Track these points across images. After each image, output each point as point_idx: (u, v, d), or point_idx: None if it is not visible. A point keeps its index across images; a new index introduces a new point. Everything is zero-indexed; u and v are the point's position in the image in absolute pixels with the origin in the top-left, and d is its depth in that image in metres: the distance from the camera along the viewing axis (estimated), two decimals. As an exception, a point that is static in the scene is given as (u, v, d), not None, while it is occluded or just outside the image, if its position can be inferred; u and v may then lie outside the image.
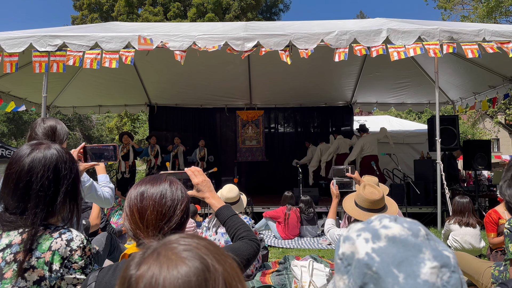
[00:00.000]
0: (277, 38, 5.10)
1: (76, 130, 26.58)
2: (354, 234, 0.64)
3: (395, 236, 0.61)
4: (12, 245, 1.24)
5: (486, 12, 16.13)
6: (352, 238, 0.64)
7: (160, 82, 9.24)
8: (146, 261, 0.59)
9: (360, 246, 0.61)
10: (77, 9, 23.89)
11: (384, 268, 0.57)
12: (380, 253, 0.59)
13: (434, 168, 6.34)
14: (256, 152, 10.75)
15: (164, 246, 0.61)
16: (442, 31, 5.09)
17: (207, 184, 1.54)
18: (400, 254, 0.58)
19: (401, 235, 0.61)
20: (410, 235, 0.61)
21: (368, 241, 0.62)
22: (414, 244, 0.60)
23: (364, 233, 0.63)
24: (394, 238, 0.61)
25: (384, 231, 0.62)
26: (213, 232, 3.66)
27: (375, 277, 0.57)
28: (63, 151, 1.39)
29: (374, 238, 0.62)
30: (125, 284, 0.59)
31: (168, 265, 0.57)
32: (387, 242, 0.61)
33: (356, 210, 2.70)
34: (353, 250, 0.62)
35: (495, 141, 28.52)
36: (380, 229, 0.63)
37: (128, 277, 0.59)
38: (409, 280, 0.55)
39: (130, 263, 0.61)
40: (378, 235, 0.62)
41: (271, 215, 6.21)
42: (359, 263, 0.60)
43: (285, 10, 27.92)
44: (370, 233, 0.63)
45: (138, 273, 0.58)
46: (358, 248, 0.61)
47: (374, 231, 0.63)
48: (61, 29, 5.94)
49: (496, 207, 4.16)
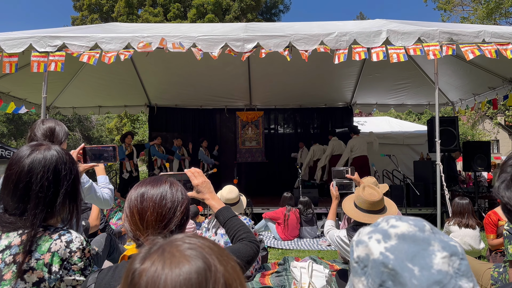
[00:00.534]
0: (277, 39, 5.10)
1: (75, 130, 26.57)
2: (365, 237, 0.67)
3: (404, 234, 0.65)
4: (11, 246, 1.24)
5: (485, 13, 16.15)
6: (364, 241, 0.67)
7: (160, 83, 9.25)
8: (151, 256, 0.61)
9: (373, 247, 0.65)
10: (77, 9, 23.89)
11: (400, 264, 0.61)
12: (393, 251, 0.63)
13: (433, 169, 6.34)
14: (256, 153, 10.76)
15: (170, 244, 0.63)
16: (442, 33, 5.09)
17: (207, 186, 1.54)
18: (411, 249, 0.62)
19: (409, 231, 0.65)
20: (417, 231, 0.65)
21: (380, 242, 0.65)
22: (422, 239, 0.64)
23: (375, 235, 0.67)
24: (403, 236, 0.64)
25: (393, 230, 0.66)
26: (212, 233, 3.66)
27: (392, 273, 0.60)
28: (63, 152, 1.39)
29: (385, 238, 0.65)
30: (129, 277, 0.61)
31: (171, 261, 0.59)
32: (398, 240, 0.64)
33: (355, 211, 2.70)
34: (367, 252, 0.65)
35: (495, 142, 28.54)
36: (389, 229, 0.66)
37: (132, 270, 0.61)
38: (424, 272, 0.59)
39: (135, 257, 0.64)
40: (388, 235, 0.65)
41: (271, 216, 6.21)
42: (375, 263, 0.63)
43: (285, 11, 27.91)
44: (380, 234, 0.66)
45: (142, 267, 0.60)
46: (372, 249, 0.65)
47: (384, 231, 0.66)
48: (61, 30, 5.94)
49: (496, 209, 4.16)
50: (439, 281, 0.58)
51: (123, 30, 5.80)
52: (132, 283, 0.60)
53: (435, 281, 0.58)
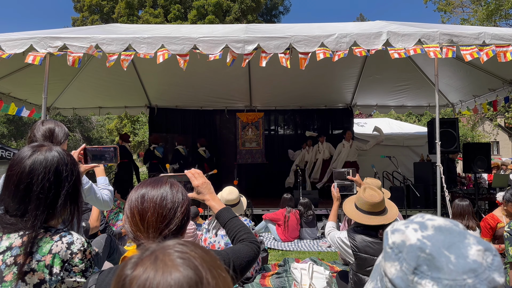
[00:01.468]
0: (278, 40, 5.10)
1: (76, 131, 26.58)
2: (401, 226, 0.71)
3: (441, 226, 0.69)
4: (12, 247, 1.24)
5: (486, 15, 16.16)
6: (401, 229, 0.70)
7: (160, 83, 9.24)
8: (143, 263, 0.61)
9: (410, 234, 0.68)
10: (77, 10, 23.93)
11: (437, 250, 0.64)
12: (430, 239, 0.66)
13: (434, 170, 6.33)
14: (256, 154, 10.75)
15: (162, 251, 0.63)
16: (442, 34, 5.09)
17: (207, 186, 1.53)
18: (448, 240, 0.66)
19: (446, 224, 0.69)
20: (453, 226, 0.69)
21: (417, 231, 0.68)
22: (459, 232, 0.68)
23: (412, 225, 0.70)
24: (440, 227, 0.68)
25: (430, 222, 0.69)
26: (213, 234, 3.65)
27: (429, 258, 0.64)
28: (64, 153, 1.39)
29: (422, 228, 0.69)
30: (119, 282, 0.61)
31: (163, 270, 0.59)
32: (435, 231, 0.68)
33: (356, 212, 2.70)
34: (404, 239, 0.68)
35: (495, 144, 28.54)
36: (425, 221, 0.70)
37: (123, 276, 0.61)
38: (460, 260, 0.63)
39: (127, 262, 0.63)
40: (425, 226, 0.69)
41: (271, 217, 6.21)
42: (412, 248, 0.66)
43: (285, 13, 28.00)
44: (418, 224, 0.70)
45: (133, 274, 0.60)
46: (409, 236, 0.68)
47: (421, 223, 0.70)
48: (62, 31, 5.93)
49: (494, 212, 4.16)
50: (474, 270, 0.62)
51: (123, 31, 5.80)
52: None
53: (470, 269, 0.62)
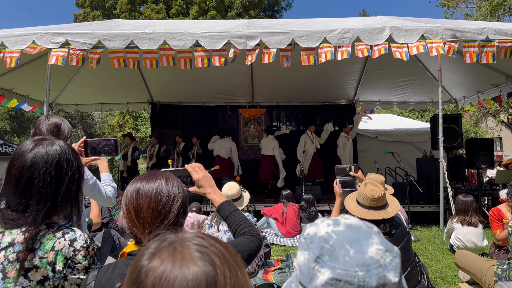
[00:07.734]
0: (280, 36, 5.08)
1: (78, 127, 26.63)
2: (319, 221, 0.77)
3: (352, 224, 0.74)
4: (14, 243, 1.22)
5: (489, 10, 16.03)
6: (317, 223, 0.77)
7: (162, 80, 9.23)
8: (161, 254, 0.59)
9: (322, 228, 0.74)
10: (79, 6, 23.89)
11: (339, 243, 0.70)
12: (337, 233, 0.72)
13: (436, 166, 6.32)
14: (258, 150, 10.74)
15: (181, 243, 0.60)
16: (446, 29, 5.06)
17: (208, 180, 1.50)
18: (354, 236, 0.71)
19: (357, 223, 0.75)
20: (365, 226, 0.74)
21: (329, 225, 0.74)
22: (366, 232, 0.73)
23: (328, 221, 0.76)
24: (351, 225, 0.74)
25: (344, 220, 0.75)
26: (215, 229, 3.66)
27: (331, 249, 0.69)
28: (66, 147, 1.36)
29: (335, 224, 0.75)
30: (134, 273, 0.59)
31: (181, 264, 0.57)
32: (345, 228, 0.73)
33: (357, 208, 2.69)
34: (316, 231, 0.74)
35: (498, 140, 28.42)
36: (341, 219, 0.76)
37: (139, 267, 0.59)
38: (358, 255, 0.67)
39: (144, 252, 0.61)
40: (338, 222, 0.75)
41: (268, 211, 6.24)
42: (320, 239, 0.72)
43: (287, 8, 27.82)
44: (333, 221, 0.76)
45: (150, 265, 0.58)
46: (320, 229, 0.74)
47: (336, 220, 0.76)
48: (64, 27, 5.93)
49: (499, 206, 4.16)
50: (368, 265, 0.66)
51: (125, 27, 5.80)
52: (138, 280, 0.58)
53: (364, 263, 0.66)
